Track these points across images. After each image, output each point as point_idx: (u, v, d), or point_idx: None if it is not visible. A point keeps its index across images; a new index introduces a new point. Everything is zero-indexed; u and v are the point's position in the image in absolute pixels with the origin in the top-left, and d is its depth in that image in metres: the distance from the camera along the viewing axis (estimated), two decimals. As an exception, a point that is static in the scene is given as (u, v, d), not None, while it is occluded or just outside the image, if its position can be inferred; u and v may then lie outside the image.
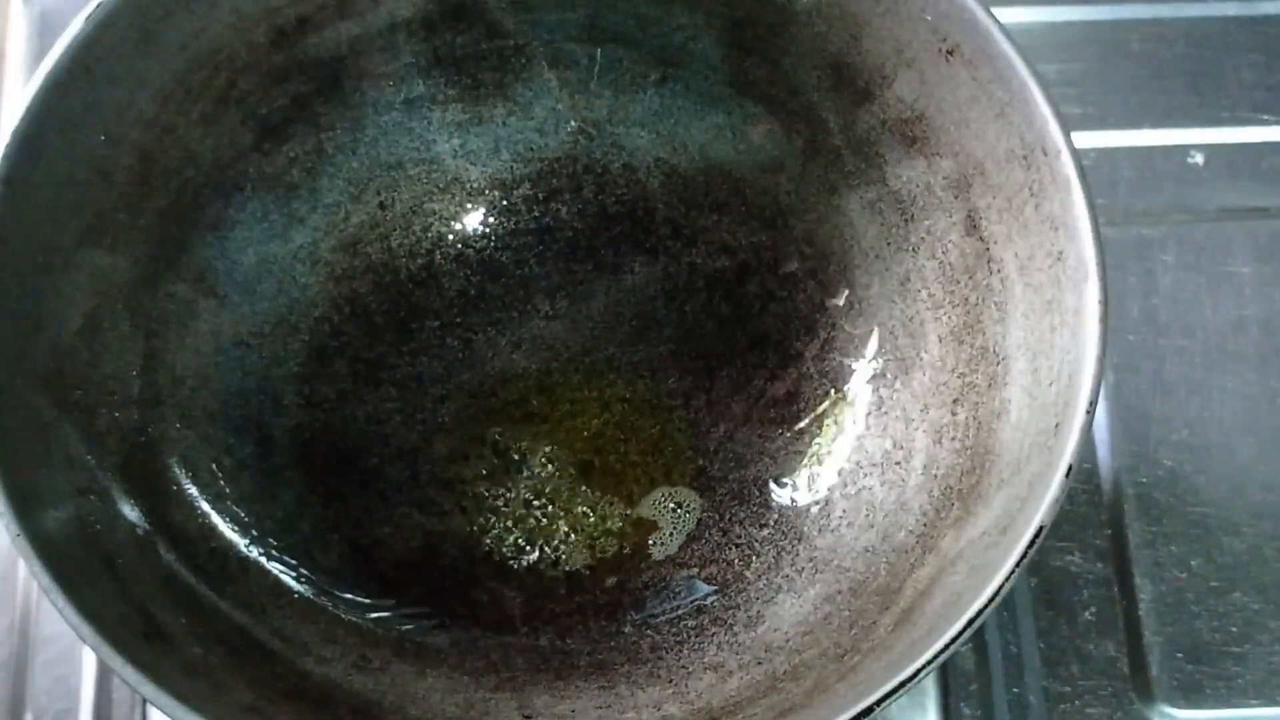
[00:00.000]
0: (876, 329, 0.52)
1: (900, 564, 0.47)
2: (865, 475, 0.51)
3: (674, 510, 0.53)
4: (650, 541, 0.52)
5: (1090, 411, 0.42)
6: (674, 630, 0.50)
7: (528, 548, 0.52)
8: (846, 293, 0.53)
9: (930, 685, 0.51)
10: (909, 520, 0.48)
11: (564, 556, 0.52)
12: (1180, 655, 0.52)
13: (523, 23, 0.52)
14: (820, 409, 0.53)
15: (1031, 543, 0.40)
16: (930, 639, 0.40)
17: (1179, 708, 0.52)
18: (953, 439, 0.48)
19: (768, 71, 0.51)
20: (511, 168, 0.55)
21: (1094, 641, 0.53)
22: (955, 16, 0.47)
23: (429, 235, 0.54)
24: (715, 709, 0.46)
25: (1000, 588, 0.40)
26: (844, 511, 0.51)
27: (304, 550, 0.50)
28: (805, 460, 0.53)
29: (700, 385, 0.55)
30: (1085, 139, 0.60)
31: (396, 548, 0.52)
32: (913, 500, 0.49)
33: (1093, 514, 0.54)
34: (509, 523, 0.52)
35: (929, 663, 0.39)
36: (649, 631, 0.50)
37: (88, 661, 0.51)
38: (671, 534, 0.52)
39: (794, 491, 0.52)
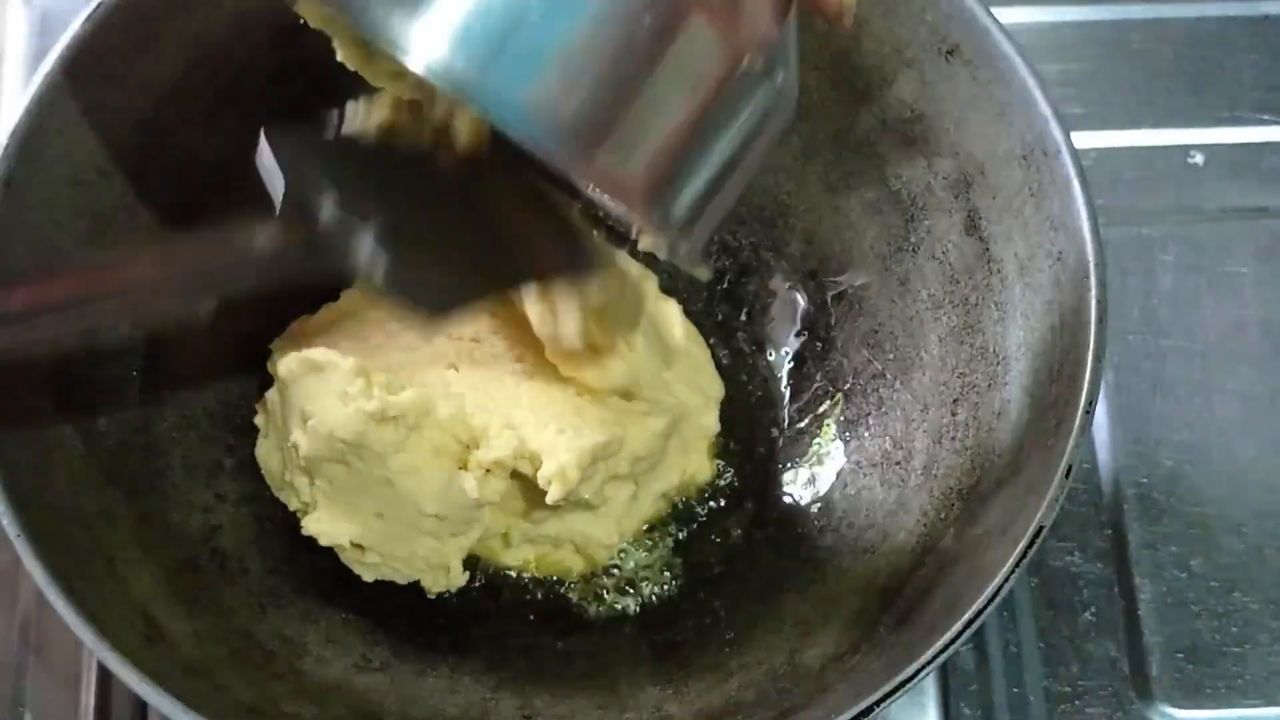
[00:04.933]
0: (877, 329, 0.52)
1: (900, 564, 0.47)
2: (865, 475, 0.51)
3: (666, 523, 0.52)
4: (646, 545, 0.52)
5: (1090, 411, 0.42)
6: (674, 630, 0.50)
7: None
8: (847, 292, 0.53)
9: (930, 685, 0.51)
10: (909, 520, 0.48)
11: (564, 557, 0.52)
12: (1180, 655, 0.52)
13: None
14: (820, 409, 0.53)
15: (1031, 543, 0.40)
16: (930, 639, 0.40)
17: (1179, 708, 0.52)
18: (953, 439, 0.48)
19: (768, 71, 0.51)
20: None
21: (1094, 641, 0.52)
22: (955, 16, 0.47)
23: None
24: (715, 709, 0.46)
25: (1000, 588, 0.40)
26: (844, 511, 0.51)
27: (304, 550, 0.50)
28: (805, 460, 0.53)
29: (700, 385, 0.55)
30: (1085, 139, 0.60)
31: (396, 548, 0.52)
32: (913, 500, 0.49)
33: (1093, 514, 0.54)
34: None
35: (929, 663, 0.39)
36: (649, 631, 0.50)
37: (88, 662, 0.51)
38: (667, 541, 0.52)
39: (794, 491, 0.52)
